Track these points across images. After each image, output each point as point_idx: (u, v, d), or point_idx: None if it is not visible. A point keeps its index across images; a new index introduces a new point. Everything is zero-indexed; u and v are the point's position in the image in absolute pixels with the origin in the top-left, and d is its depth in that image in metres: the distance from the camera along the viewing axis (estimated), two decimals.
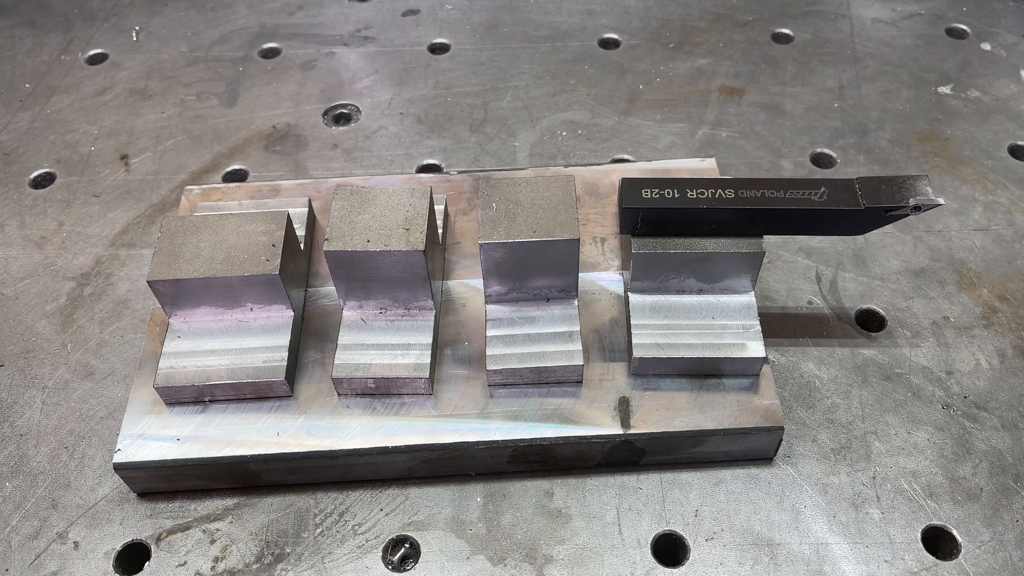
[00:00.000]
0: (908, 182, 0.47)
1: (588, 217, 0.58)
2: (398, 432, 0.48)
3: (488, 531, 0.48)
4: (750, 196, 0.47)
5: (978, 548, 0.47)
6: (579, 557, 0.47)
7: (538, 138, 0.70)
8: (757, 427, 0.48)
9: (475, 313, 0.53)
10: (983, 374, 0.54)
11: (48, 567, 0.47)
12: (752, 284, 0.51)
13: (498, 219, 0.48)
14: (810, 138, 0.69)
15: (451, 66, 0.76)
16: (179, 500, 0.50)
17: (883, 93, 0.72)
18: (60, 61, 0.79)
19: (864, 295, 0.58)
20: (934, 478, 0.50)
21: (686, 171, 0.60)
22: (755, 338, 0.49)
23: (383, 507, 0.49)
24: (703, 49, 0.77)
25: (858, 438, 0.51)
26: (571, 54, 0.77)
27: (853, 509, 0.49)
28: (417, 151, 0.69)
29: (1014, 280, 0.59)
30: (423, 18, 0.81)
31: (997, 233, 0.62)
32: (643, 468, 0.50)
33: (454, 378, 0.50)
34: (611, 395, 0.49)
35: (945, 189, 0.65)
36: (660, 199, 0.48)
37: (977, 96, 0.72)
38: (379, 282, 0.49)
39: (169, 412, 0.50)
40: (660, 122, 0.71)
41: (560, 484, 0.50)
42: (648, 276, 0.50)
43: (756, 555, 0.47)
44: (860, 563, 0.47)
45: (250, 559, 0.48)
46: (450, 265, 0.56)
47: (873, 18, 0.79)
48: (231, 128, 0.71)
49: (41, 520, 0.49)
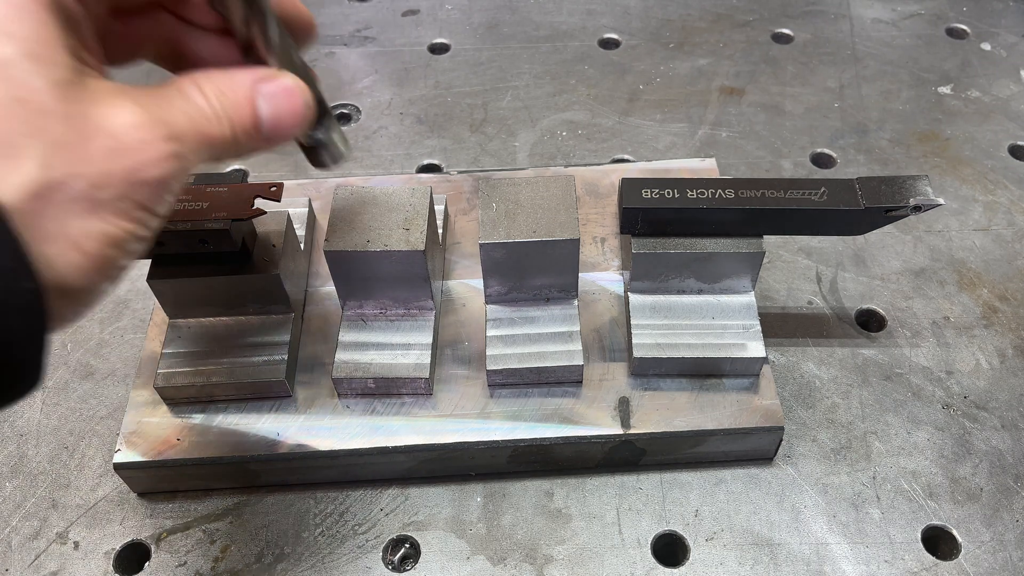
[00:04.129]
0: (908, 182, 0.47)
1: (588, 217, 0.58)
2: (398, 432, 0.48)
3: (488, 531, 0.48)
4: (750, 196, 0.47)
5: (978, 548, 0.47)
6: (579, 557, 0.47)
7: (538, 138, 0.70)
8: (757, 427, 0.48)
9: (475, 313, 0.53)
10: (983, 374, 0.54)
11: (48, 567, 0.47)
12: (752, 284, 0.51)
13: (498, 219, 0.48)
14: (810, 138, 0.69)
15: (451, 66, 0.76)
16: (179, 500, 0.50)
17: (883, 93, 0.72)
18: None
19: (864, 295, 0.58)
20: (934, 478, 0.50)
21: (686, 171, 0.60)
22: (755, 338, 0.49)
23: (383, 507, 0.49)
24: (703, 49, 0.77)
25: (858, 438, 0.51)
26: (571, 54, 0.77)
27: (853, 509, 0.49)
28: (417, 151, 0.69)
29: (1014, 280, 0.59)
30: (423, 18, 0.81)
31: (997, 233, 0.62)
32: (643, 468, 0.50)
33: (454, 378, 0.50)
34: (611, 395, 0.49)
35: (945, 189, 0.65)
36: (660, 199, 0.48)
37: (977, 96, 0.72)
38: (379, 282, 0.49)
39: (169, 412, 0.50)
40: (660, 122, 0.71)
41: (560, 484, 0.50)
42: (648, 276, 0.50)
43: (756, 555, 0.47)
44: (860, 563, 0.47)
45: (250, 559, 0.48)
46: (450, 265, 0.56)
47: (873, 18, 0.79)
48: None
49: (41, 520, 0.49)
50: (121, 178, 0.29)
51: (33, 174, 0.27)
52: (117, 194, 0.29)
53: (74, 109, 0.28)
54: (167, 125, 0.30)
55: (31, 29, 0.28)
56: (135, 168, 0.29)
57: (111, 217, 0.29)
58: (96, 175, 0.28)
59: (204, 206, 0.46)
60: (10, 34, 0.28)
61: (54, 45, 0.29)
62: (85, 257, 0.29)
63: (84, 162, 0.28)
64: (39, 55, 0.28)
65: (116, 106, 0.30)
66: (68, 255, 0.28)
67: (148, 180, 0.30)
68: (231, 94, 0.33)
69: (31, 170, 0.27)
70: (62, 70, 0.28)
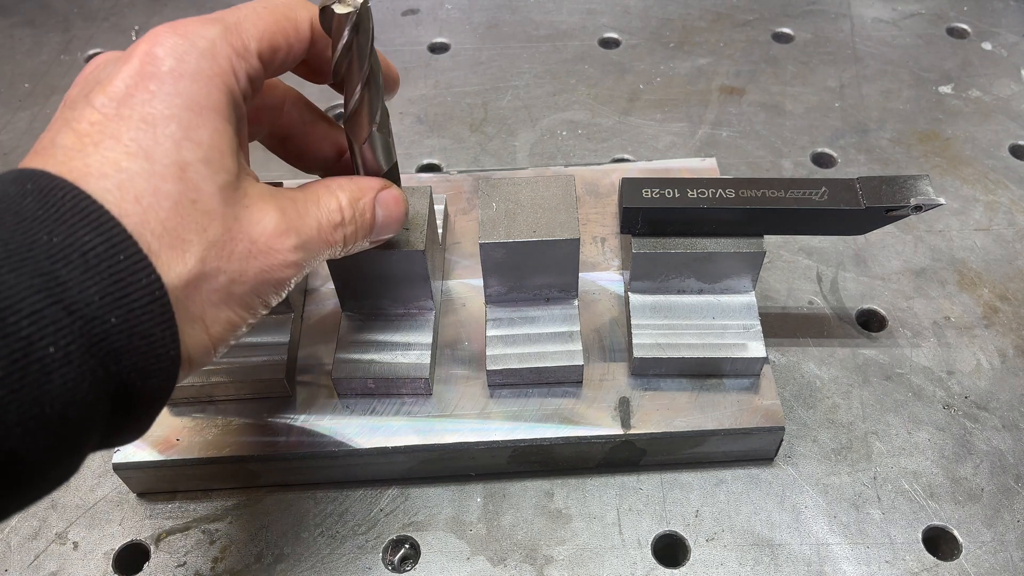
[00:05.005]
0: (909, 182, 0.47)
1: (588, 217, 0.58)
2: (398, 432, 0.48)
3: (488, 531, 0.48)
4: (751, 196, 0.47)
5: (979, 548, 0.47)
6: (579, 557, 0.47)
7: (538, 138, 0.70)
8: (758, 427, 0.48)
9: (475, 313, 0.53)
10: (984, 374, 0.54)
11: (47, 567, 0.47)
12: (753, 284, 0.51)
13: (498, 219, 0.48)
14: (811, 138, 0.69)
15: (451, 66, 0.76)
16: (179, 500, 0.50)
17: (884, 93, 0.72)
18: (59, 61, 0.79)
19: (865, 295, 0.58)
20: (935, 478, 0.50)
21: (686, 171, 0.60)
22: (756, 338, 0.49)
23: (383, 507, 0.49)
24: (703, 49, 0.77)
25: (859, 438, 0.51)
26: (571, 54, 0.77)
27: (854, 509, 0.49)
28: (417, 151, 0.69)
29: (1015, 280, 0.59)
30: (423, 18, 0.81)
31: (998, 233, 0.61)
32: (643, 468, 0.50)
33: (454, 378, 0.50)
34: (611, 395, 0.49)
35: (946, 189, 0.65)
36: (660, 199, 0.48)
37: (978, 96, 0.72)
38: (379, 282, 0.49)
39: (169, 412, 0.49)
40: (660, 122, 0.71)
41: (560, 484, 0.50)
42: (648, 276, 0.50)
43: (757, 555, 0.47)
44: (861, 563, 0.46)
45: (250, 559, 0.48)
46: (450, 265, 0.56)
47: (874, 17, 0.79)
48: None
49: (40, 520, 0.49)
50: (253, 276, 0.34)
51: (191, 265, 0.32)
52: (247, 290, 0.34)
53: (230, 212, 0.33)
54: (298, 234, 0.36)
55: (209, 136, 0.33)
56: (265, 269, 0.35)
57: (237, 308, 0.34)
58: (236, 271, 0.33)
59: None
60: (194, 141, 0.32)
61: (225, 151, 0.33)
62: (211, 339, 0.34)
63: (228, 259, 0.33)
64: (212, 160, 0.33)
65: (261, 211, 0.35)
66: (199, 336, 0.33)
67: (273, 280, 0.35)
68: (362, 201, 0.40)
69: (191, 262, 0.32)
70: (227, 175, 0.33)
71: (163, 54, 0.33)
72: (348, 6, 0.36)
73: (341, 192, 0.39)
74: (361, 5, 0.36)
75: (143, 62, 0.33)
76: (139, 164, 0.31)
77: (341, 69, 0.38)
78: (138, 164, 0.31)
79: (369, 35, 0.38)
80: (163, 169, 0.31)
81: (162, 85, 0.32)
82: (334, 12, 0.36)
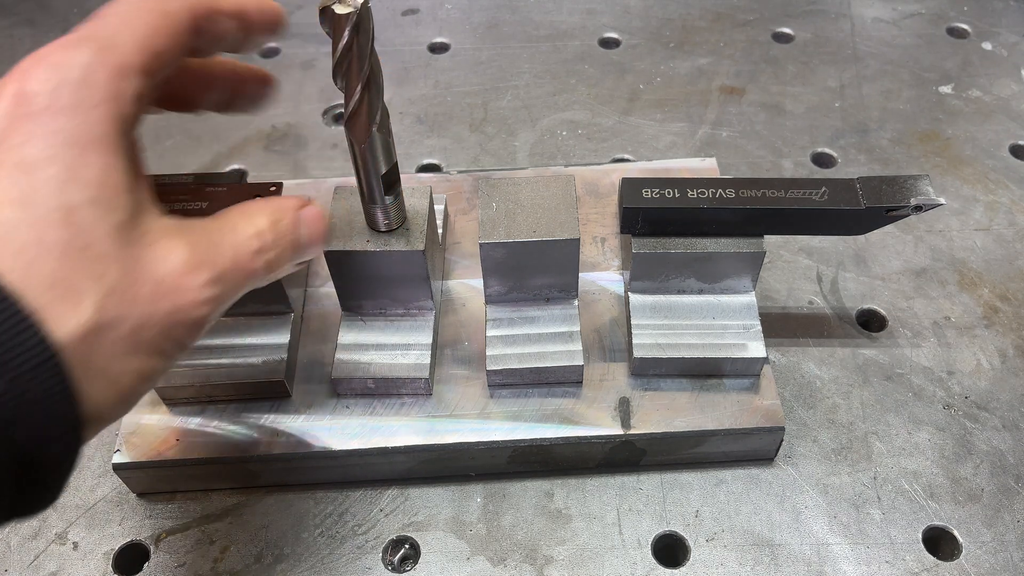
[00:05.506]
0: (909, 182, 0.47)
1: (588, 217, 0.58)
2: (398, 432, 0.48)
3: (488, 532, 0.48)
4: (751, 196, 0.47)
5: (979, 549, 0.47)
6: (579, 558, 0.47)
7: (538, 138, 0.69)
8: (758, 427, 0.48)
9: (475, 313, 0.53)
10: (984, 374, 0.54)
11: (47, 567, 0.47)
12: (753, 284, 0.51)
13: (498, 219, 0.48)
14: (811, 138, 0.69)
15: (451, 65, 0.76)
16: (178, 500, 0.50)
17: (884, 92, 0.72)
18: None
19: (865, 295, 0.58)
20: (935, 478, 0.50)
21: (686, 171, 0.60)
22: (756, 338, 0.49)
23: (383, 508, 0.49)
24: (703, 48, 0.77)
25: (859, 438, 0.51)
26: (571, 53, 0.77)
27: (854, 509, 0.48)
28: (417, 151, 0.69)
29: (1015, 280, 0.59)
30: (423, 17, 0.81)
31: (998, 233, 0.61)
32: (643, 468, 0.50)
33: (454, 378, 0.50)
34: (611, 395, 0.49)
35: (946, 189, 0.64)
36: (660, 199, 0.47)
37: (978, 96, 0.71)
38: (379, 282, 0.49)
39: (169, 412, 0.49)
40: (660, 122, 0.70)
41: (560, 484, 0.50)
42: (648, 276, 0.50)
43: (757, 556, 0.47)
44: (861, 564, 0.46)
45: (250, 560, 0.48)
46: (450, 265, 0.56)
47: (874, 17, 0.79)
48: (231, 127, 0.71)
49: (40, 520, 0.49)
50: (161, 319, 0.31)
51: (88, 316, 0.29)
52: (156, 334, 0.31)
53: (128, 253, 0.30)
54: (212, 267, 0.33)
55: (97, 174, 0.30)
56: (175, 311, 0.31)
57: (147, 355, 0.31)
58: (140, 316, 0.30)
59: (204, 206, 0.46)
60: (81, 181, 0.30)
61: (118, 187, 0.30)
62: (119, 393, 0.31)
63: (131, 304, 0.30)
64: (102, 200, 0.30)
65: (166, 247, 0.32)
66: (105, 391, 0.30)
67: (186, 321, 0.32)
68: (283, 223, 0.37)
69: (87, 313, 0.29)
70: (121, 213, 0.30)
71: (35, 90, 0.30)
72: (348, 6, 0.36)
73: (259, 215, 0.36)
74: (361, 5, 0.36)
75: (14, 103, 0.30)
76: (18, 213, 0.28)
77: (341, 69, 0.38)
78: (17, 213, 0.28)
79: (369, 35, 0.37)
80: (46, 216, 0.29)
81: (38, 125, 0.30)
82: (334, 12, 0.36)
